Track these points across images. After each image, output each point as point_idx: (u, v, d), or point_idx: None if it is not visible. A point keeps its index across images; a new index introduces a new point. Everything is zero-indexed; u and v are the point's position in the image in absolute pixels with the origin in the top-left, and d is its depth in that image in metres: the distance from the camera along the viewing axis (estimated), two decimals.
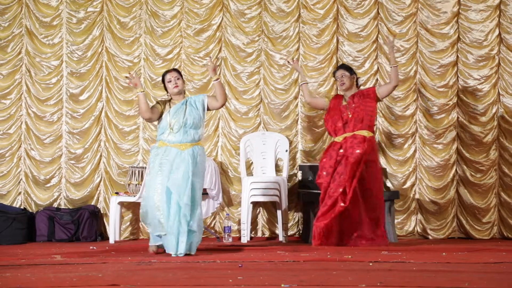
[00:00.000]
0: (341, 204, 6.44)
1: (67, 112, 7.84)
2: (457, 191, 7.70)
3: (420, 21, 7.77)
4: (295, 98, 7.82)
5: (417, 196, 7.72)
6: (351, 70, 6.84)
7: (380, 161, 7.35)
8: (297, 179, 7.60)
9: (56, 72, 7.86)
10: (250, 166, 7.72)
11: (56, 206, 7.72)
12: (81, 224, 7.47)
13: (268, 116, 7.82)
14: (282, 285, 4.07)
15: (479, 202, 7.65)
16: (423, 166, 7.72)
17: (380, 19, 7.80)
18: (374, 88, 6.79)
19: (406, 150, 7.75)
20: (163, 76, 6.17)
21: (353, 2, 7.83)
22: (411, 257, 5.51)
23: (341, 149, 6.60)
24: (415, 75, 7.75)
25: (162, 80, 6.18)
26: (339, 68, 6.89)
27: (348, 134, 6.63)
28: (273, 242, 7.30)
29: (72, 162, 7.80)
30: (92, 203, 7.75)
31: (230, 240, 7.24)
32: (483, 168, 7.66)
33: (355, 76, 6.85)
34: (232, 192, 7.77)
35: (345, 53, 7.82)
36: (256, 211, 7.74)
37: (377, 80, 7.75)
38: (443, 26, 7.75)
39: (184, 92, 6.21)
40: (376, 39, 7.80)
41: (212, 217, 7.69)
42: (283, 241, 7.28)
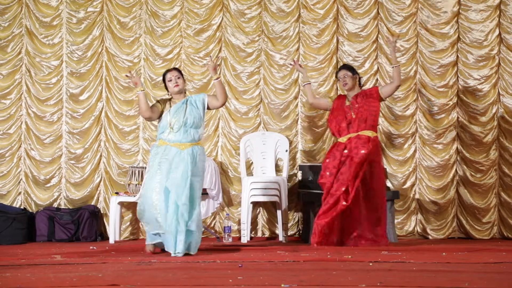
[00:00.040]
0: (343, 203, 6.43)
1: (67, 112, 7.84)
2: (457, 191, 7.70)
3: (420, 21, 7.77)
4: (295, 98, 7.82)
5: (417, 196, 7.72)
6: (354, 70, 6.83)
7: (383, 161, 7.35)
8: (297, 179, 7.60)
9: (56, 72, 7.87)
10: (250, 166, 7.72)
11: (56, 206, 7.72)
12: (81, 224, 7.47)
13: (268, 116, 7.82)
14: (282, 285, 4.06)
15: (479, 202, 7.65)
16: (423, 166, 7.72)
17: (380, 19, 7.81)
18: (377, 88, 6.78)
19: (406, 150, 7.76)
20: (164, 75, 6.18)
21: (353, 2, 7.83)
22: (411, 257, 5.50)
23: (346, 150, 6.58)
24: (415, 75, 7.76)
25: (163, 79, 6.19)
26: (342, 69, 6.87)
27: (352, 135, 6.61)
28: (273, 242, 7.30)
29: (72, 162, 7.80)
30: (92, 203, 7.75)
31: (230, 240, 7.24)
32: (483, 168, 7.66)
33: (358, 76, 6.84)
34: (232, 192, 7.77)
35: (345, 53, 7.82)
36: (256, 211, 7.74)
37: (377, 80, 7.75)
38: (443, 26, 7.75)
39: (185, 92, 6.21)
40: (376, 39, 7.80)
41: (212, 217, 7.70)
42: (283, 241, 7.28)
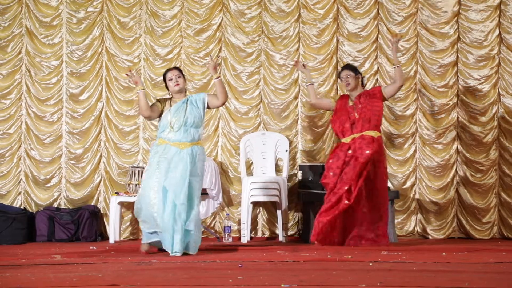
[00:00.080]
0: (345, 202, 6.43)
1: (67, 112, 7.84)
2: (457, 191, 7.70)
3: (420, 21, 7.77)
4: (295, 98, 7.82)
5: (417, 196, 7.72)
6: (356, 70, 6.83)
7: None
8: (297, 179, 7.60)
9: (56, 72, 7.86)
10: (250, 166, 7.72)
11: (56, 206, 7.72)
12: (81, 224, 7.46)
13: (268, 116, 7.82)
14: (282, 285, 4.07)
15: (479, 202, 7.65)
16: (423, 166, 7.72)
17: (380, 19, 7.80)
18: (380, 88, 6.78)
19: (406, 150, 7.75)
20: (164, 74, 6.19)
21: (353, 2, 7.83)
22: (411, 257, 5.51)
23: (350, 150, 6.58)
24: (415, 75, 7.75)
25: (164, 79, 6.20)
26: (344, 69, 6.85)
27: (356, 135, 6.60)
28: (273, 242, 7.30)
29: (72, 162, 7.80)
30: (92, 203, 7.75)
31: (230, 240, 7.24)
32: (483, 168, 7.66)
33: (360, 76, 6.84)
34: (232, 192, 7.77)
35: (345, 53, 7.81)
36: (256, 211, 7.74)
37: (377, 80, 7.75)
38: (443, 26, 7.75)
39: (186, 91, 6.22)
40: (376, 39, 7.80)
41: (212, 217, 7.69)
42: (283, 241, 7.28)
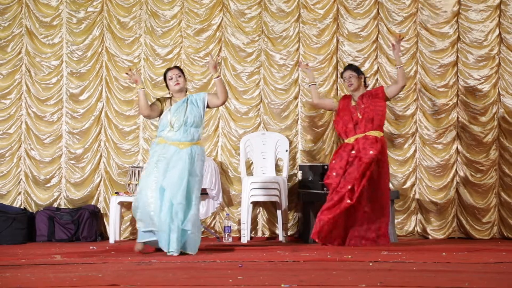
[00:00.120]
0: (348, 201, 6.43)
1: (67, 112, 7.84)
2: (457, 191, 7.70)
3: (420, 21, 7.77)
4: (295, 98, 7.82)
5: (417, 196, 7.72)
6: (359, 70, 6.82)
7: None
8: (297, 179, 7.60)
9: (56, 72, 7.86)
10: (250, 166, 7.72)
11: (56, 206, 7.72)
12: (81, 224, 7.46)
13: (268, 116, 7.82)
14: (282, 285, 4.07)
15: (479, 202, 7.65)
16: (423, 166, 7.72)
17: (380, 19, 7.80)
18: (383, 88, 6.78)
19: (406, 150, 7.75)
20: (165, 74, 6.20)
21: (353, 2, 7.82)
22: (411, 257, 5.51)
23: (353, 151, 6.58)
24: (415, 75, 7.75)
25: (164, 78, 6.20)
26: (347, 69, 6.85)
27: (360, 135, 6.60)
28: (273, 242, 7.30)
29: (72, 162, 7.80)
30: (92, 203, 7.75)
31: (230, 240, 7.24)
32: (483, 168, 7.66)
33: (363, 76, 6.84)
34: (232, 192, 7.77)
35: (345, 53, 7.81)
36: (256, 211, 7.74)
37: (377, 80, 7.75)
38: (443, 25, 7.75)
39: (186, 90, 6.22)
40: (376, 39, 7.80)
41: (212, 217, 7.69)
42: (283, 241, 7.28)
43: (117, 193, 7.36)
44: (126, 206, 7.61)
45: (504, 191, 7.66)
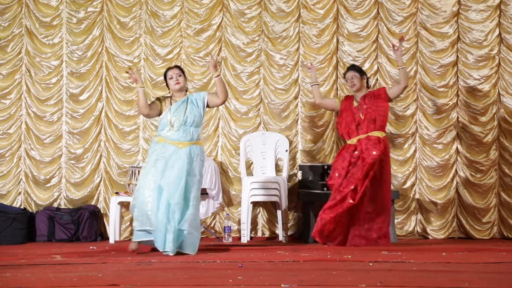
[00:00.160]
0: (350, 201, 6.43)
1: (67, 112, 7.84)
2: (457, 191, 7.70)
3: (420, 21, 7.77)
4: (295, 98, 7.82)
5: (417, 196, 7.72)
6: (362, 71, 6.82)
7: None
8: (297, 179, 7.60)
9: (56, 72, 7.86)
10: (250, 166, 7.72)
11: (56, 206, 7.72)
12: (81, 224, 7.46)
13: (268, 116, 7.82)
14: (282, 285, 4.07)
15: (479, 202, 7.65)
16: (423, 166, 7.72)
17: (380, 19, 7.80)
18: (385, 89, 6.78)
19: (406, 150, 7.75)
20: (165, 73, 6.21)
21: (353, 2, 7.82)
22: (411, 257, 5.51)
23: (356, 151, 6.57)
24: (415, 75, 7.75)
25: (164, 77, 6.21)
26: (350, 69, 6.84)
27: (362, 136, 6.60)
28: (273, 242, 7.30)
29: (72, 162, 7.80)
30: (92, 203, 7.75)
31: (230, 240, 7.24)
32: (483, 168, 7.66)
33: (366, 77, 6.83)
34: (232, 192, 7.77)
35: (345, 53, 7.81)
36: (256, 211, 7.74)
37: (377, 80, 7.75)
38: (443, 25, 7.75)
39: (186, 90, 6.22)
40: (376, 39, 7.80)
41: (212, 217, 7.69)
42: (283, 241, 7.28)
43: (117, 193, 7.36)
44: (126, 206, 7.60)
45: (504, 191, 7.66)
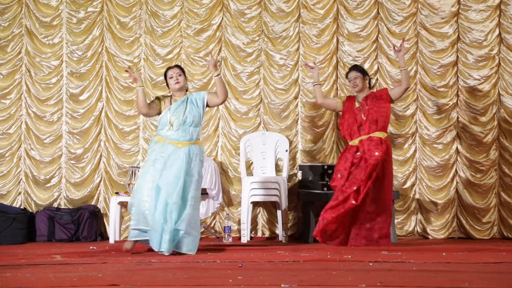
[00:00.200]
0: (353, 202, 6.42)
1: (67, 112, 7.84)
2: (457, 191, 7.70)
3: (420, 21, 7.77)
4: (295, 98, 7.82)
5: (417, 196, 7.72)
6: (364, 72, 6.81)
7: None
8: (297, 179, 7.60)
9: (56, 72, 7.86)
10: (250, 166, 7.72)
11: (56, 206, 7.72)
12: (81, 224, 7.46)
13: (268, 116, 7.82)
14: (282, 285, 4.07)
15: (479, 202, 7.65)
16: (423, 166, 7.72)
17: (380, 19, 7.81)
18: (387, 90, 6.78)
19: (406, 150, 7.76)
20: (165, 72, 6.21)
21: (353, 2, 7.82)
22: (411, 257, 5.51)
23: (358, 152, 6.57)
24: (415, 75, 7.75)
25: (165, 76, 6.21)
26: (352, 70, 6.82)
27: (364, 137, 6.59)
28: (273, 242, 7.30)
29: (72, 162, 7.80)
30: (92, 203, 7.75)
31: (230, 240, 7.24)
32: (483, 168, 7.66)
33: (368, 77, 6.83)
34: (232, 192, 7.77)
35: (345, 53, 7.81)
36: (256, 211, 7.74)
37: (377, 80, 7.75)
38: (443, 25, 7.75)
39: (187, 89, 6.23)
40: (376, 39, 7.80)
41: (212, 217, 7.69)
42: (283, 241, 7.28)
43: (117, 193, 7.36)
44: (126, 206, 7.59)
45: (504, 191, 7.66)
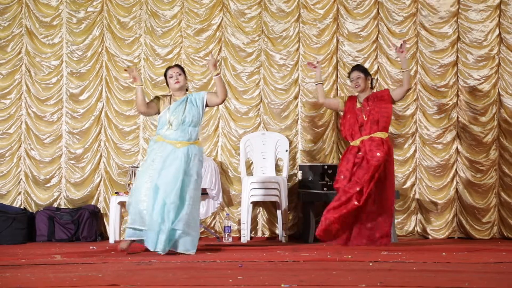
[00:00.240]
0: (355, 203, 6.42)
1: (67, 112, 7.84)
2: (457, 191, 7.70)
3: (420, 21, 7.77)
4: (295, 98, 7.82)
5: (417, 196, 7.72)
6: (366, 72, 6.80)
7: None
8: (297, 179, 7.60)
9: (56, 72, 7.86)
10: (250, 166, 7.72)
11: (56, 206, 7.72)
12: (81, 224, 7.46)
13: (268, 116, 7.82)
14: (282, 285, 4.07)
15: (479, 202, 7.65)
16: (423, 166, 7.72)
17: (380, 19, 7.81)
18: (388, 91, 6.77)
19: (406, 150, 7.76)
20: (166, 72, 6.21)
21: (353, 2, 7.83)
22: (411, 257, 5.51)
23: (359, 152, 6.57)
24: (415, 75, 7.75)
25: (165, 76, 6.21)
26: (354, 69, 6.81)
27: (365, 137, 6.59)
28: (273, 242, 7.30)
29: (72, 162, 7.80)
30: (92, 203, 7.75)
31: (230, 240, 7.24)
32: (483, 168, 7.66)
33: (370, 78, 6.83)
34: (232, 192, 7.77)
35: (345, 53, 7.82)
36: (256, 211, 7.74)
37: (377, 80, 7.75)
38: (443, 25, 7.75)
39: (187, 89, 6.23)
40: (376, 39, 7.80)
41: (212, 217, 7.69)
42: (283, 241, 7.28)
43: (117, 193, 7.36)
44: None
45: (504, 191, 7.66)
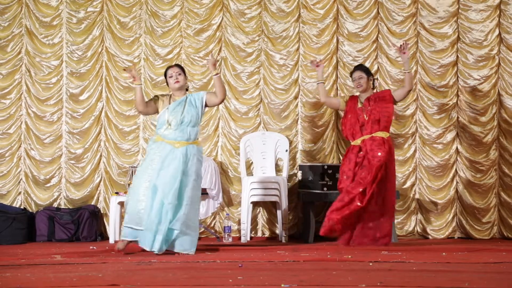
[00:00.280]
0: (358, 204, 6.42)
1: (67, 112, 7.84)
2: (457, 191, 7.70)
3: (420, 21, 7.77)
4: (295, 98, 7.82)
5: (417, 196, 7.72)
6: (368, 72, 6.80)
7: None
8: (297, 179, 7.60)
9: (56, 72, 7.86)
10: (250, 166, 7.72)
11: (56, 206, 7.72)
12: (81, 224, 7.46)
13: (268, 116, 7.82)
14: (282, 285, 4.07)
15: (479, 202, 7.65)
16: (423, 166, 7.72)
17: (380, 19, 7.81)
18: (390, 91, 6.77)
19: (406, 150, 7.76)
20: (166, 71, 6.21)
21: (353, 2, 7.83)
22: (411, 257, 5.51)
23: (361, 151, 6.57)
24: (415, 75, 7.75)
25: (165, 76, 6.21)
26: (357, 69, 6.81)
27: (366, 137, 6.59)
28: (273, 242, 7.30)
29: (72, 162, 7.80)
30: (92, 203, 7.75)
31: (230, 240, 7.24)
32: (483, 168, 7.66)
33: (372, 78, 6.83)
34: (232, 192, 7.77)
35: (345, 53, 7.82)
36: (256, 211, 7.74)
37: (377, 80, 7.75)
38: (443, 25, 7.75)
39: (187, 89, 6.23)
40: (376, 39, 7.80)
41: (212, 217, 7.69)
42: (283, 241, 7.28)
43: (117, 193, 7.36)
44: None
45: (504, 191, 7.66)
